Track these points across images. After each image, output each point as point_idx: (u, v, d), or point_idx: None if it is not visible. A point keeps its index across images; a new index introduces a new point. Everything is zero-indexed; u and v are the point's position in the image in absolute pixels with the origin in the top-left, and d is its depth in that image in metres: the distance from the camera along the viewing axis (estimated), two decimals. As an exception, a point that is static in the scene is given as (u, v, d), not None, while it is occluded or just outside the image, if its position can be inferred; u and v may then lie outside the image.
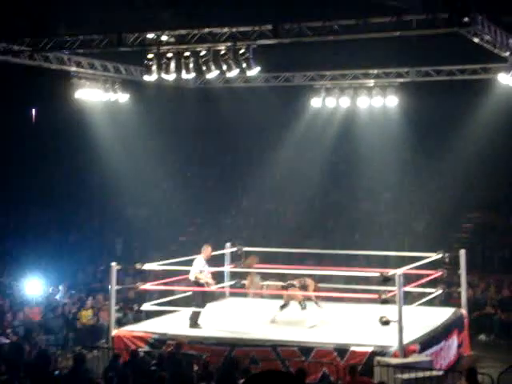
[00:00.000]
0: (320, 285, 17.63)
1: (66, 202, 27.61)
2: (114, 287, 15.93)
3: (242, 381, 11.06)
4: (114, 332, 15.70)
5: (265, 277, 17.41)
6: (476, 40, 14.59)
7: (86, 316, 18.83)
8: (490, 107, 23.75)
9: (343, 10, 15.65)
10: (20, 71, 19.62)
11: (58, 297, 19.64)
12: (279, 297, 19.03)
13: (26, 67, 17.85)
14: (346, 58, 20.66)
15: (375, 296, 15.46)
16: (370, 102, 20.06)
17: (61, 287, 20.53)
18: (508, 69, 16.59)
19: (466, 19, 13.22)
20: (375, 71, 19.72)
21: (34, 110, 26.72)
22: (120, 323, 17.22)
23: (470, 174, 26.49)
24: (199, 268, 16.01)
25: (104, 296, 19.21)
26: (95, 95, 19.52)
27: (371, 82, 19.85)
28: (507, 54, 16.02)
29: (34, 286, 20.62)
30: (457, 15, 13.16)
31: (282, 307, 16.27)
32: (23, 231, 26.11)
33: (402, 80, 19.73)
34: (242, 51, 15.03)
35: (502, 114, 24.23)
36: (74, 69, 18.53)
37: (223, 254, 18.75)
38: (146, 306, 17.14)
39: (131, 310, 18.62)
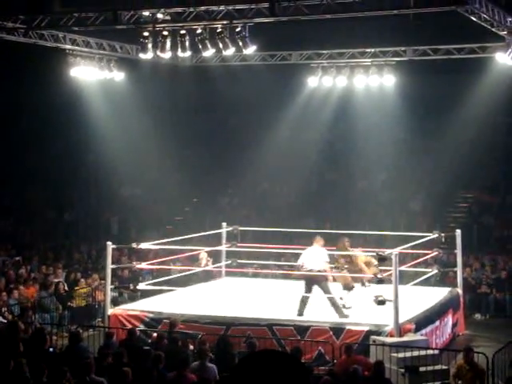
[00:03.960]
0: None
1: (62, 180, 27.55)
2: (109, 266, 15.91)
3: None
4: (110, 311, 15.70)
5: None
6: (473, 18, 14.51)
7: (82, 295, 18.83)
8: (488, 86, 23.68)
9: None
10: (15, 48, 19.48)
11: (52, 275, 19.62)
12: (274, 276, 19.06)
13: (21, 44, 17.72)
14: (343, 36, 20.55)
15: (371, 275, 15.49)
16: (366, 81, 19.97)
17: (56, 265, 20.51)
18: (505, 48, 16.50)
19: (464, -3, 13.15)
20: (372, 50, 19.62)
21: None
22: (116, 302, 17.22)
23: (466, 154, 26.46)
24: (326, 259, 15.37)
25: (99, 275, 19.21)
26: (90, 73, 19.40)
27: (368, 61, 19.75)
28: (505, 32, 15.94)
29: (30, 265, 20.61)
30: (455, -7, 13.08)
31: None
32: (19, 209, 26.07)
33: (398, 59, 19.64)
34: (238, 29, 14.93)
35: (499, 93, 24.17)
36: (69, 47, 18.40)
37: (219, 234, 18.73)
38: (142, 286, 17.14)
39: (127, 289, 18.64)
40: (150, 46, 15.47)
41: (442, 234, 17.81)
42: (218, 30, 15.03)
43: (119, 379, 10.48)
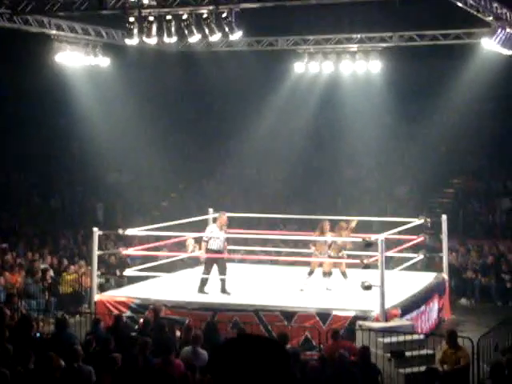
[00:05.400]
0: (301, 250, 17.67)
1: (47, 166, 27.44)
2: (95, 252, 15.89)
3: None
4: (97, 297, 15.69)
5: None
6: (459, 4, 14.52)
7: (68, 281, 18.79)
8: (474, 72, 23.73)
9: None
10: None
11: (39, 261, 19.57)
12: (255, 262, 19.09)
13: (5, 29, 17.59)
14: (329, 22, 20.53)
15: (357, 261, 15.55)
16: (353, 66, 19.97)
17: (42, 252, 20.47)
18: (491, 33, 16.52)
19: (450, -17, 13.15)
20: (358, 36, 19.61)
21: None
22: (102, 289, 17.20)
23: (452, 140, 26.54)
24: (206, 235, 15.93)
25: (86, 261, 19.17)
26: (76, 59, 19.30)
27: (354, 47, 19.74)
28: (490, 18, 15.97)
29: (15, 251, 20.54)
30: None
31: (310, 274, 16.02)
32: (3, 196, 25.94)
33: (385, 45, 19.64)
34: (224, 15, 14.88)
35: (485, 79, 24.22)
36: (54, 32, 18.29)
37: (206, 220, 18.71)
38: (129, 272, 17.13)
39: (113, 276, 18.63)
40: (135, 31, 15.40)
41: (428, 220, 17.87)
42: (204, 16, 14.97)
43: (107, 366, 10.48)
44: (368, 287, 14.98)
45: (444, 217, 18.00)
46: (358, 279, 15.17)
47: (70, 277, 18.92)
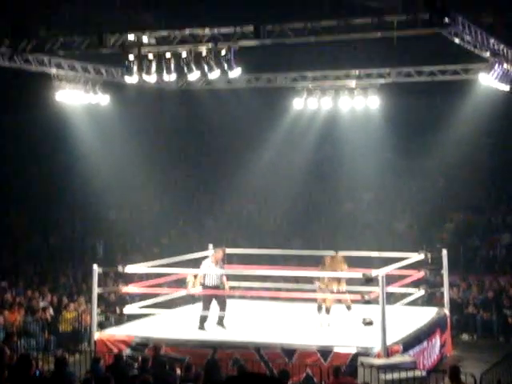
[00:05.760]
0: (303, 286, 17.60)
1: (47, 204, 27.45)
2: (95, 290, 15.84)
3: None
4: (96, 335, 15.61)
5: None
6: (457, 40, 14.62)
7: (68, 319, 18.71)
8: (471, 107, 23.85)
9: (325, 12, 15.65)
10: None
11: (38, 299, 19.50)
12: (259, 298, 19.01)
13: (6, 69, 17.70)
14: (327, 59, 20.65)
15: (358, 297, 15.49)
16: (351, 102, 20.07)
17: (42, 290, 20.39)
18: (488, 69, 16.63)
19: (447, 20, 13.26)
20: (356, 72, 19.73)
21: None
22: (102, 326, 17.12)
23: (451, 175, 26.60)
24: (202, 271, 15.93)
25: (85, 299, 19.10)
26: (76, 97, 19.40)
27: (353, 83, 19.85)
28: (487, 54, 16.08)
29: (15, 290, 20.46)
30: (437, 16, 13.19)
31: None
32: (3, 234, 25.91)
33: (383, 81, 19.76)
34: (223, 52, 14.99)
35: (482, 114, 24.34)
36: (54, 70, 18.40)
37: (206, 256, 18.67)
38: (129, 309, 17.06)
39: (113, 313, 18.54)
40: (135, 69, 15.49)
41: (429, 255, 17.84)
42: (204, 54, 15.08)
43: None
44: (369, 323, 14.93)
45: (444, 252, 17.97)
46: (359, 315, 15.11)
47: (70, 315, 18.83)
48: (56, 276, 22.82)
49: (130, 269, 16.95)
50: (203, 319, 15.72)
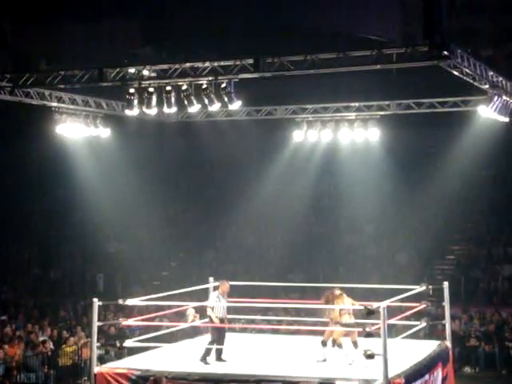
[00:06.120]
0: (304, 318, 17.52)
1: (48, 237, 27.42)
2: (95, 323, 15.72)
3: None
4: (96, 369, 15.48)
5: None
6: (456, 73, 14.69)
7: (68, 353, 18.60)
8: (471, 139, 23.92)
9: (325, 45, 15.75)
10: (0, 106, 19.54)
11: (38, 334, 19.40)
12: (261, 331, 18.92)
13: (7, 102, 17.77)
14: (327, 91, 20.76)
15: (359, 329, 15.38)
16: (351, 134, 20.11)
17: (42, 324, 20.30)
18: (487, 101, 16.69)
19: (445, 52, 13.32)
20: (356, 104, 19.79)
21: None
22: (102, 360, 17.00)
23: (451, 206, 26.58)
24: (211, 304, 15.83)
25: (86, 333, 19.00)
26: (77, 130, 19.45)
27: (352, 115, 19.91)
28: (487, 86, 16.14)
29: (15, 324, 20.38)
30: (436, 48, 13.26)
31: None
32: (4, 267, 25.87)
33: (383, 113, 19.81)
34: (223, 85, 15.05)
35: (482, 146, 24.39)
36: (55, 104, 18.46)
37: (207, 289, 18.60)
38: (129, 343, 16.95)
39: (113, 347, 18.42)
40: (135, 102, 15.54)
41: (430, 287, 17.75)
42: (204, 86, 15.13)
43: None
44: (371, 356, 14.79)
45: (446, 284, 17.89)
46: (361, 348, 15.00)
47: (70, 349, 18.73)
48: (56, 309, 22.74)
49: (131, 302, 16.87)
50: (211, 352, 15.57)
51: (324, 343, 15.66)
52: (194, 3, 18.57)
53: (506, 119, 17.70)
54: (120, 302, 16.67)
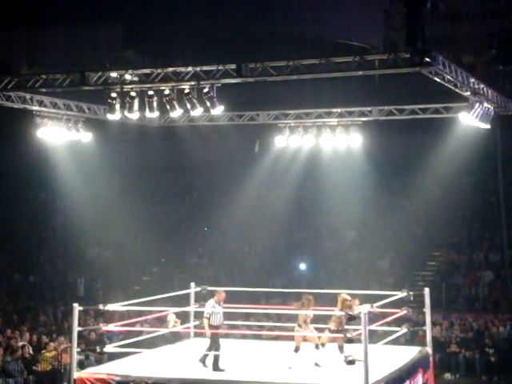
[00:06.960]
0: (285, 324, 17.47)
1: (28, 242, 27.27)
2: (75, 328, 15.63)
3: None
4: (76, 375, 15.38)
5: None
6: (437, 79, 14.74)
7: (48, 358, 18.47)
8: (452, 146, 24.02)
9: (307, 51, 15.78)
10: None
11: (17, 339, 19.26)
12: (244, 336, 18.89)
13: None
14: (310, 96, 20.79)
15: (340, 335, 15.38)
16: (333, 140, 20.13)
17: (21, 329, 20.16)
18: (469, 108, 16.75)
19: (427, 59, 13.37)
20: (338, 110, 19.82)
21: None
22: (82, 366, 16.91)
23: (433, 213, 26.67)
24: (208, 311, 15.72)
25: (65, 337, 18.89)
26: (58, 134, 19.35)
27: (335, 121, 19.94)
28: (468, 93, 16.21)
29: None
30: (418, 55, 13.30)
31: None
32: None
33: (365, 119, 19.85)
34: (205, 90, 15.03)
35: (463, 153, 24.50)
36: (36, 108, 18.36)
37: (188, 294, 18.55)
38: (109, 348, 16.86)
39: (93, 352, 18.32)
40: (117, 106, 15.48)
41: (411, 293, 17.78)
42: (186, 91, 15.11)
43: None
44: (351, 362, 14.80)
45: (427, 290, 17.92)
46: (341, 354, 15.00)
47: (50, 354, 18.61)
48: (36, 314, 22.59)
49: (111, 307, 16.78)
50: (217, 359, 15.43)
51: (297, 349, 15.59)
52: (177, 8, 18.55)
53: (487, 126, 17.78)
54: (100, 307, 16.59)
